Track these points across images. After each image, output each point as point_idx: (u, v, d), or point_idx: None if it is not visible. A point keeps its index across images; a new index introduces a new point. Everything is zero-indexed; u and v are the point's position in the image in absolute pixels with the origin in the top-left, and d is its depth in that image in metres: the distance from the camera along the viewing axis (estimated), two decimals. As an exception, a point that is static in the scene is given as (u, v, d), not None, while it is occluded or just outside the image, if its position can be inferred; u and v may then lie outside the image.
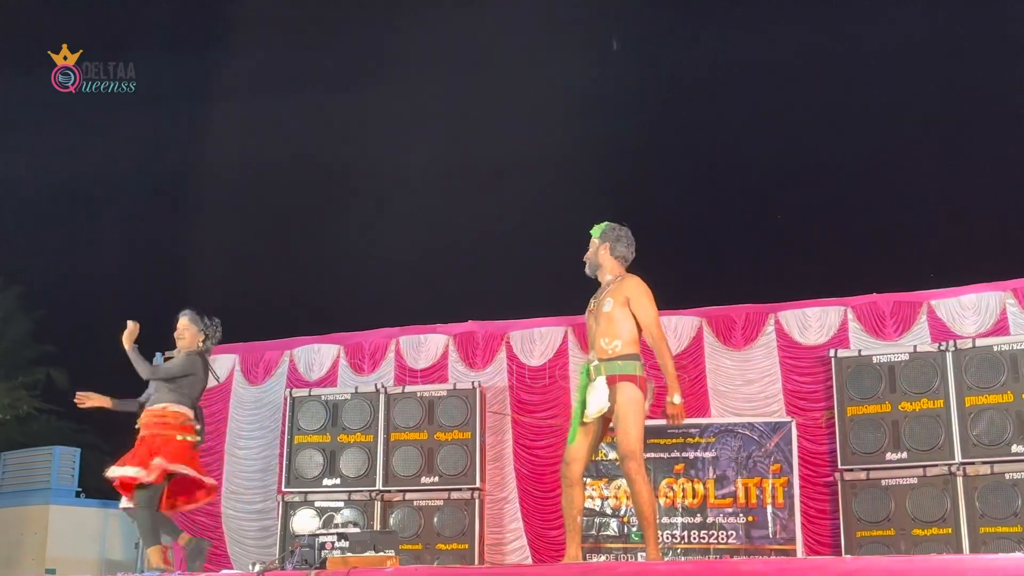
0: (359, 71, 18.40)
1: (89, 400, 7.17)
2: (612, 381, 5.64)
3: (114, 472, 6.82)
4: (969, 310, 9.33)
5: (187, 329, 7.04)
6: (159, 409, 6.85)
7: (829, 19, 17.25)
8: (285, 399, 10.46)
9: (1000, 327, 9.14)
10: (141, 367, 6.94)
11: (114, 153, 18.42)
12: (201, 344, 7.05)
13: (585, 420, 5.71)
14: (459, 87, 18.06)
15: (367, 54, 18.28)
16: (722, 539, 9.07)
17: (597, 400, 5.62)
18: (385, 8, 18.27)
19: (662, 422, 9.37)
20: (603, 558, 9.23)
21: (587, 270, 6.14)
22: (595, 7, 17.20)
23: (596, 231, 6.12)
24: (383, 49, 18.29)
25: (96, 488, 17.34)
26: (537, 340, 10.37)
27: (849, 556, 8.26)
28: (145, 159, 18.82)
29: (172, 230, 20.48)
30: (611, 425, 5.72)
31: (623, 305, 5.79)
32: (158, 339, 11.85)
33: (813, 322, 9.72)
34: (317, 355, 11.02)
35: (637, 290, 5.85)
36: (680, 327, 10.02)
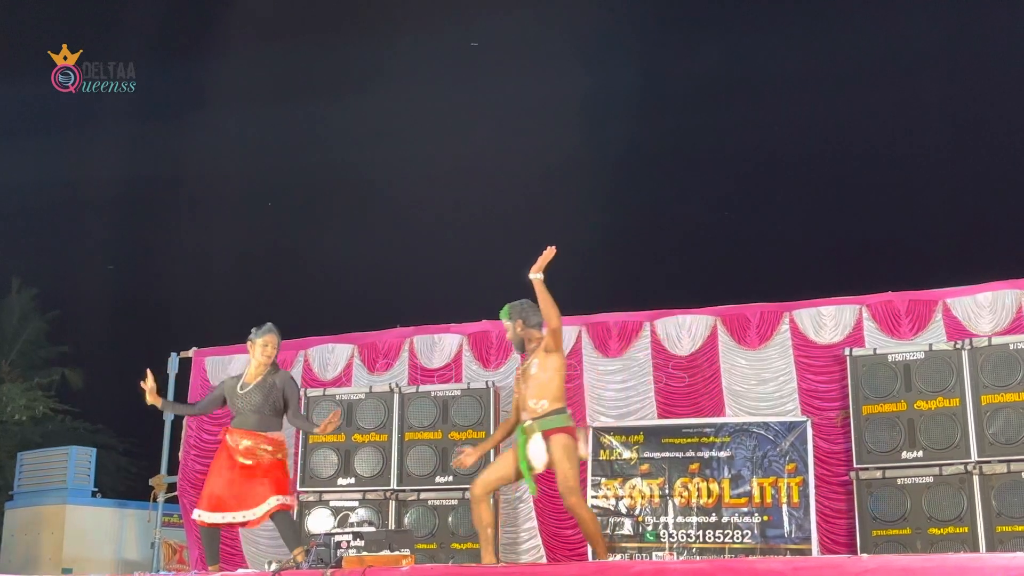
0: (369, 73, 18.42)
1: (150, 387, 7.16)
2: (547, 435, 6.42)
3: (278, 500, 6.88)
4: (985, 308, 9.28)
5: (277, 348, 7.24)
6: (277, 437, 7.07)
7: (843, 22, 17.22)
8: (299, 399, 10.45)
9: (1016, 325, 9.09)
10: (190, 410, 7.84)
11: (121, 153, 18.48)
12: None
13: (532, 472, 6.53)
14: (470, 89, 18.07)
15: (375, 57, 18.30)
16: (737, 538, 9.05)
17: (538, 455, 6.44)
18: (387, 14, 18.31)
19: (677, 422, 9.45)
20: (618, 557, 9.22)
21: (516, 350, 6.92)
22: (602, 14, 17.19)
23: (504, 315, 6.79)
24: (391, 53, 18.32)
25: (112, 488, 17.46)
26: (551, 339, 10.34)
27: (866, 555, 8.23)
28: (151, 159, 18.88)
29: (184, 230, 20.54)
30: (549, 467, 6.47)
31: (545, 356, 6.54)
32: (174, 340, 11.93)
33: (828, 321, 9.69)
34: (331, 355, 11.04)
35: (544, 331, 6.63)
36: (695, 326, 10.00)
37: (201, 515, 6.90)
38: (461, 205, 18.75)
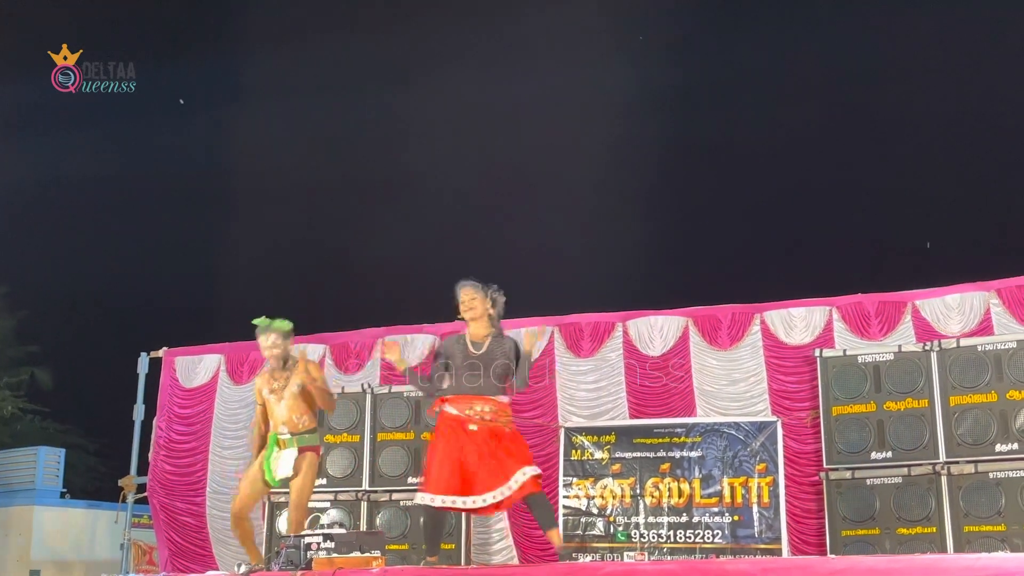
0: (351, 73, 18.38)
1: (396, 356, 6.78)
2: (302, 451, 6.91)
3: (527, 473, 6.12)
4: (953, 310, 9.37)
5: (473, 300, 6.46)
6: (507, 403, 6.45)
7: (819, 29, 17.34)
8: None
9: (984, 327, 9.18)
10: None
11: (92, 152, 18.37)
12: (492, 312, 6.50)
13: (271, 482, 6.97)
14: (452, 92, 18.08)
15: (358, 57, 18.26)
16: (708, 539, 9.08)
17: (285, 467, 6.87)
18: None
19: (649, 422, 9.47)
20: (589, 558, 9.23)
21: (276, 365, 7.12)
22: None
23: (286, 328, 7.11)
24: (374, 53, 18.28)
25: (81, 488, 17.32)
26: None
27: (834, 556, 8.29)
28: (122, 158, 18.77)
29: (155, 231, 20.41)
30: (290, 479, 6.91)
31: (305, 386, 6.96)
32: (144, 340, 11.85)
33: (798, 322, 9.75)
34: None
35: (317, 371, 7.15)
36: (666, 327, 10.04)
37: (435, 499, 6.13)
38: (434, 205, 18.74)
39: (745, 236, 18.34)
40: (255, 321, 7.15)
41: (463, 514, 9.54)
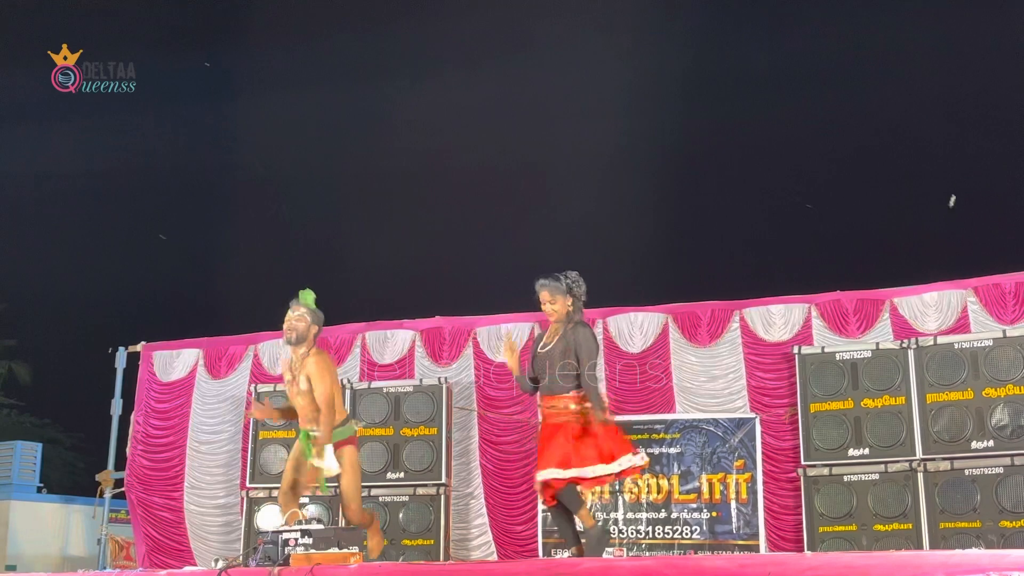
0: (349, 71, 18.36)
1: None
2: (337, 447, 6.69)
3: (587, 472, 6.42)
4: (931, 308, 9.42)
5: (551, 303, 6.34)
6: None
7: (787, 29, 17.40)
8: (249, 394, 10.40)
9: (961, 325, 9.24)
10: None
11: (72, 148, 18.29)
12: (572, 308, 6.34)
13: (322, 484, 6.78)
14: (433, 87, 18.07)
15: (348, 54, 18.24)
16: (686, 534, 9.12)
17: (329, 465, 6.62)
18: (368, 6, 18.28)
19: (628, 418, 9.49)
20: (566, 554, 9.23)
21: (295, 342, 6.77)
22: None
23: (308, 303, 6.86)
24: (359, 50, 18.26)
25: (58, 483, 17.23)
26: (504, 336, 10.35)
27: (810, 553, 8.33)
28: (101, 155, 18.69)
29: (133, 226, 20.33)
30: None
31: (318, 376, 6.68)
32: (122, 334, 11.79)
33: (777, 319, 9.78)
34: (281, 350, 10.94)
35: (323, 364, 6.74)
36: (646, 324, 10.06)
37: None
38: (415, 201, 18.73)
39: (725, 233, 18.41)
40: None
41: (443, 510, 9.60)
